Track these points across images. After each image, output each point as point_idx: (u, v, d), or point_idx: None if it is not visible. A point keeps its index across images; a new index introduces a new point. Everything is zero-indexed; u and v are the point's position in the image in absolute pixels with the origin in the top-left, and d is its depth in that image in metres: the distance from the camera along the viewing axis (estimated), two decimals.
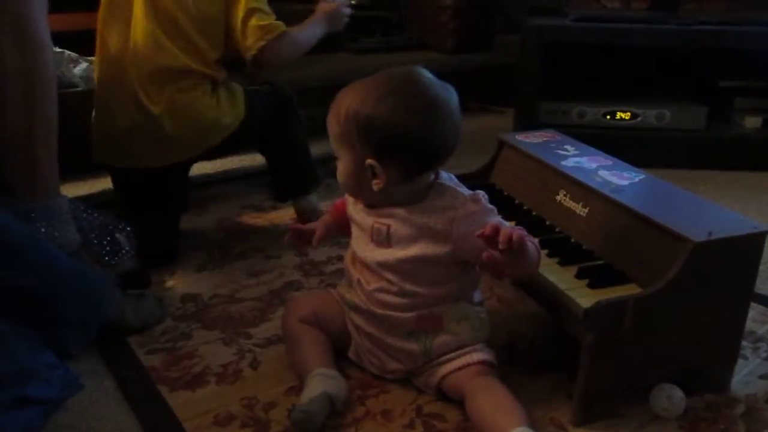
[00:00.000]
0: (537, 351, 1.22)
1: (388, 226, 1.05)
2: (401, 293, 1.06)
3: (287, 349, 1.17)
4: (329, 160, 1.39)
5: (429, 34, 2.90)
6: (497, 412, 0.99)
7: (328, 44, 2.75)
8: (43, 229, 1.18)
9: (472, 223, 1.00)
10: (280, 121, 1.69)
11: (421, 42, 2.91)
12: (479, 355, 1.07)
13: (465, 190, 1.07)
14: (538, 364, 1.18)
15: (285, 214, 1.80)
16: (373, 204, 1.08)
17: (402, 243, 1.04)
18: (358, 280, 1.10)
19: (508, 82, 2.71)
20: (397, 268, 1.05)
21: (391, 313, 1.07)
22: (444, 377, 1.07)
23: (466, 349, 1.07)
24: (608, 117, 2.23)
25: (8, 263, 1.07)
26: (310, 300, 1.23)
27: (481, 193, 1.06)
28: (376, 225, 1.06)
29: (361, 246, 1.10)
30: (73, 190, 1.87)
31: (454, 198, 1.04)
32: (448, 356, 1.07)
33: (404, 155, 1.00)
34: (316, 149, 1.80)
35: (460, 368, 1.06)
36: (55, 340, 1.14)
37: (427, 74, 1.03)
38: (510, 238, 0.92)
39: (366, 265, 1.09)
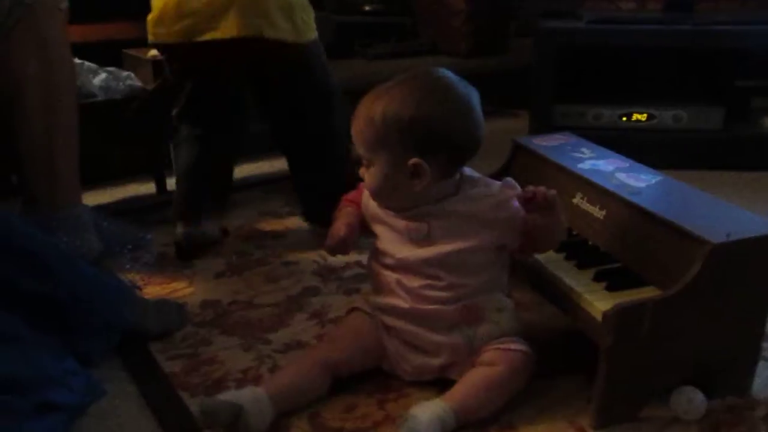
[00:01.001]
0: (555, 354, 1.22)
1: (428, 224, 1.07)
2: (449, 287, 1.08)
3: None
4: None
5: (443, 39, 2.90)
6: (485, 388, 1.04)
7: (342, 51, 2.78)
8: (65, 238, 1.19)
9: (512, 207, 1.07)
10: (323, 105, 1.65)
11: (435, 47, 2.92)
12: (519, 345, 1.09)
13: (491, 180, 1.12)
14: (556, 367, 1.18)
15: (303, 221, 1.81)
16: (405, 207, 1.09)
17: (447, 237, 1.07)
18: (398, 281, 1.10)
19: (523, 85, 2.72)
20: (445, 262, 1.07)
21: (439, 306, 1.08)
22: (482, 355, 1.08)
23: (507, 339, 1.09)
24: (624, 119, 2.22)
25: (31, 272, 1.09)
26: (342, 346, 1.15)
27: (511, 180, 1.11)
28: (412, 224, 1.09)
29: (397, 247, 1.10)
30: (94, 199, 1.89)
31: (488, 186, 1.10)
32: (490, 344, 1.09)
33: (447, 150, 1.04)
34: None
35: (498, 347, 1.08)
36: (77, 347, 1.16)
37: (450, 73, 1.09)
38: (546, 195, 1.03)
39: (406, 265, 1.09)
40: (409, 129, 1.02)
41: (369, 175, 1.08)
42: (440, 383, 1.11)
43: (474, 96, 1.08)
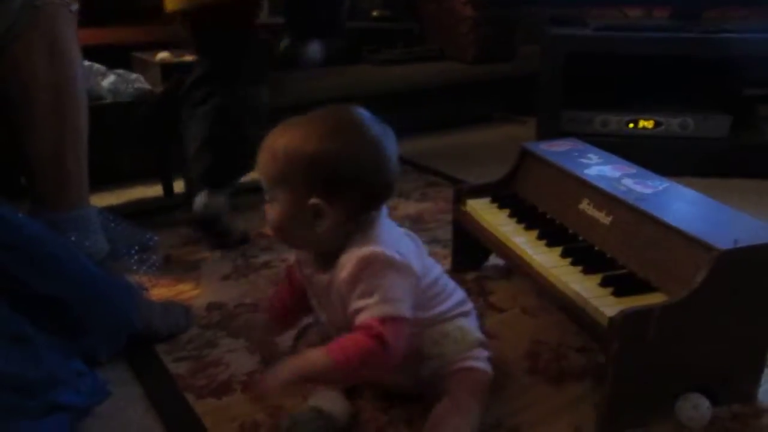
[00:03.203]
0: (561, 359, 1.22)
1: (330, 275, 0.99)
2: None
3: None
4: None
5: (450, 45, 2.91)
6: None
7: (350, 56, 2.79)
8: (73, 239, 1.20)
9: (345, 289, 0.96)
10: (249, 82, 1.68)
11: (442, 53, 2.93)
12: (463, 363, 1.06)
13: (384, 237, 0.98)
14: (562, 373, 1.18)
15: None
16: (311, 249, 1.04)
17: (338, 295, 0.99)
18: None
19: (529, 91, 2.72)
20: (348, 323, 0.98)
21: None
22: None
23: (454, 362, 1.06)
24: (631, 125, 2.23)
25: (40, 272, 1.09)
26: None
27: (376, 253, 0.95)
28: (316, 276, 1.03)
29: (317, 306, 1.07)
30: (101, 200, 1.90)
31: (350, 252, 0.96)
32: (436, 374, 1.06)
33: (352, 192, 0.96)
34: None
35: (449, 375, 1.05)
36: (84, 348, 1.16)
37: (365, 113, 1.00)
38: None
39: (329, 327, 1.06)
40: (311, 166, 0.93)
41: (272, 211, 0.99)
42: None
43: (388, 137, 0.99)
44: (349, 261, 0.95)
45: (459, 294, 1.13)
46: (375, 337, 0.91)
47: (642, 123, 2.22)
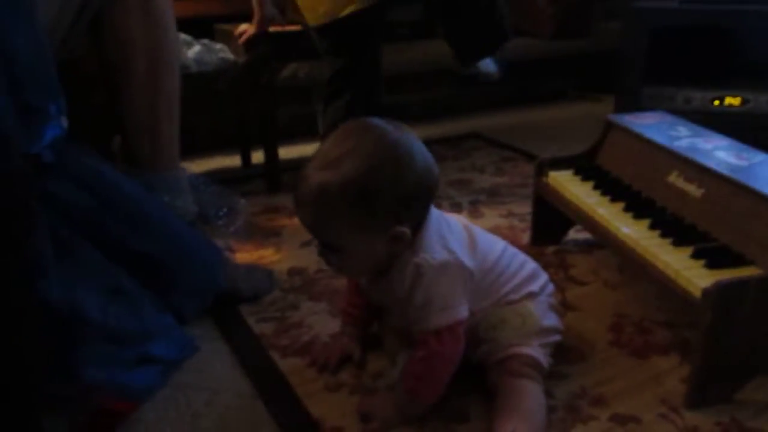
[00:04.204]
0: (645, 333, 1.20)
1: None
2: None
3: None
4: None
5: (526, 21, 2.87)
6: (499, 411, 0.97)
7: (426, 32, 2.78)
8: (165, 199, 1.23)
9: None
10: None
11: (518, 28, 2.88)
12: (514, 349, 1.02)
13: (432, 240, 0.97)
14: (646, 347, 1.16)
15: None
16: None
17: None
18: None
19: (606, 69, 2.66)
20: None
21: None
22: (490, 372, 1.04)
23: (509, 348, 1.03)
24: (717, 102, 2.15)
25: (135, 229, 1.13)
26: None
27: (426, 263, 0.95)
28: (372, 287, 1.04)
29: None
30: None
31: (401, 261, 0.97)
32: (490, 357, 1.04)
33: (417, 203, 0.94)
34: None
35: (499, 363, 1.02)
36: (173, 304, 1.20)
37: (379, 120, 0.95)
38: None
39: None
40: (383, 196, 0.90)
41: (344, 262, 0.97)
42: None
43: (411, 135, 0.95)
44: (400, 271, 0.96)
45: (527, 269, 1.09)
46: (432, 353, 0.96)
47: (728, 100, 2.14)
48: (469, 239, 1.03)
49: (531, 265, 1.11)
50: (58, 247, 0.99)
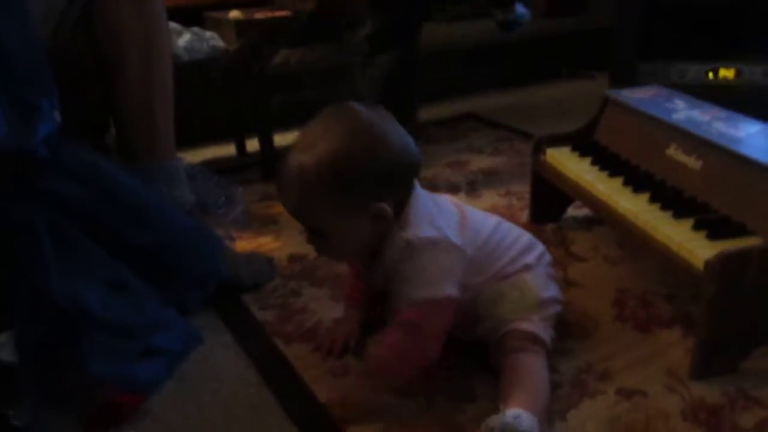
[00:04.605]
0: (648, 307, 1.20)
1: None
2: None
3: None
4: None
5: None
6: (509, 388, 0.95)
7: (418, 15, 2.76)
8: (163, 189, 1.23)
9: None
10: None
11: None
12: (514, 325, 1.01)
13: (419, 218, 0.97)
14: (650, 320, 1.16)
15: None
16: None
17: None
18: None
19: (599, 47, 2.65)
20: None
21: None
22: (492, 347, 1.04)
23: (508, 322, 1.02)
24: (711, 75, 2.14)
25: (135, 222, 1.12)
26: None
27: (412, 239, 0.96)
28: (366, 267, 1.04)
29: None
30: None
31: (389, 239, 0.97)
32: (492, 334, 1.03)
33: (398, 179, 0.95)
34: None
35: (500, 340, 1.02)
36: (175, 296, 1.19)
37: (356, 104, 0.96)
38: None
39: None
40: (360, 171, 0.91)
41: (328, 245, 0.98)
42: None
43: (391, 118, 0.96)
44: (390, 248, 0.96)
45: (522, 242, 1.08)
46: (405, 325, 0.94)
47: (722, 72, 2.14)
48: (460, 216, 1.02)
49: (526, 237, 1.11)
50: (58, 241, 0.99)
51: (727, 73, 2.14)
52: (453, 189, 1.76)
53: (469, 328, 1.04)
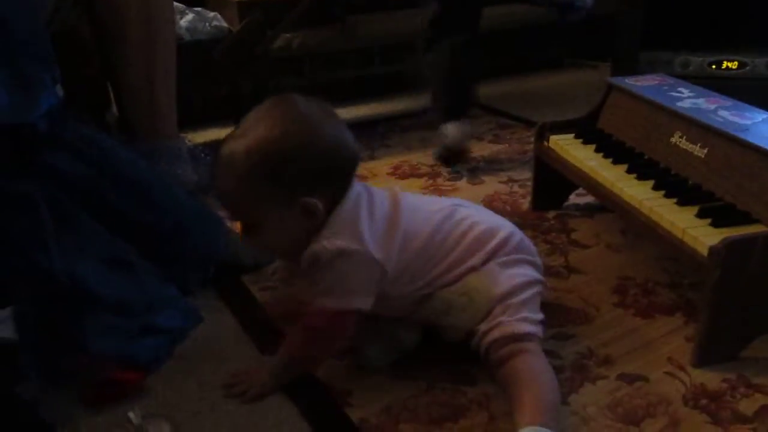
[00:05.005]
0: (650, 294, 1.20)
1: None
2: None
3: None
4: None
5: None
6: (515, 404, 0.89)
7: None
8: (165, 168, 1.22)
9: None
10: None
11: None
12: (491, 334, 0.96)
13: (342, 226, 0.94)
14: (652, 307, 1.16)
15: (383, 164, 1.82)
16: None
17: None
18: None
19: (602, 36, 2.64)
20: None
21: None
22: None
23: (480, 333, 0.97)
24: (714, 66, 2.14)
25: (136, 201, 1.12)
26: None
27: (328, 248, 0.92)
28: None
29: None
30: None
31: (312, 245, 0.94)
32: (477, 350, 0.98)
33: (331, 175, 0.93)
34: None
35: (485, 354, 0.97)
36: (176, 275, 1.19)
37: (296, 95, 0.95)
38: None
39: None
40: (290, 164, 0.90)
41: (262, 236, 0.96)
42: None
43: (332, 111, 0.96)
44: (308, 253, 0.93)
45: (471, 238, 1.01)
46: (313, 328, 0.96)
47: (726, 64, 2.13)
48: (388, 225, 0.97)
49: (480, 228, 1.02)
50: (58, 218, 0.98)
51: (730, 64, 2.13)
52: (454, 176, 1.75)
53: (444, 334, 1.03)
